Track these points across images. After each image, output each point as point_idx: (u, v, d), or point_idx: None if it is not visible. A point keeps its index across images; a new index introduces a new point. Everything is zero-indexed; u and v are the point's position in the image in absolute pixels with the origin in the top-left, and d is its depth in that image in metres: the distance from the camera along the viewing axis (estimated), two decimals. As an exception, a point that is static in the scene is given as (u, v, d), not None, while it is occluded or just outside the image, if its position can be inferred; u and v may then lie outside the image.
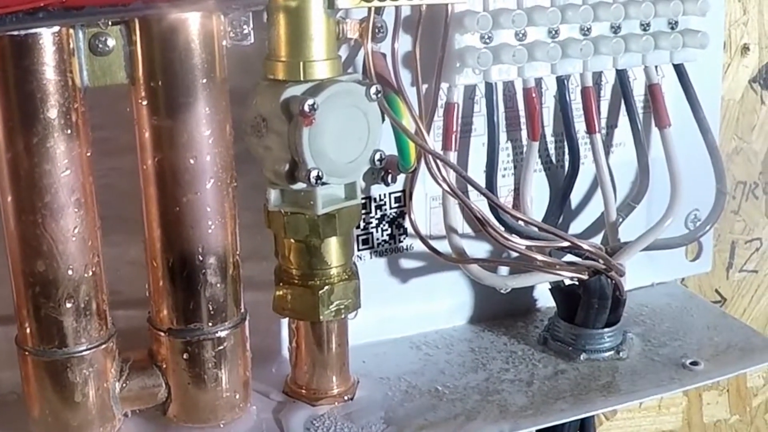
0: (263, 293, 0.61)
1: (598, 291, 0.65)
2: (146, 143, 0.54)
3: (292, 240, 0.58)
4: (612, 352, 0.68)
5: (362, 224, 0.66)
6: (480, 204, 0.62)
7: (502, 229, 0.63)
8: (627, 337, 0.69)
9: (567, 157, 0.70)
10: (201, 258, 0.55)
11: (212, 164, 0.54)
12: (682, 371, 0.66)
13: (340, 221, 0.57)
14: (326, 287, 0.58)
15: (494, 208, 0.65)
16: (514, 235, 0.63)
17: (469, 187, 0.65)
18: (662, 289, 0.78)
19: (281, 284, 0.60)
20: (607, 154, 0.71)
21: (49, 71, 0.49)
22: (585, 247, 0.63)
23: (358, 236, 0.66)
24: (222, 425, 0.59)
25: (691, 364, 0.67)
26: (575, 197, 0.72)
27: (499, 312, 0.73)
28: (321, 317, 0.59)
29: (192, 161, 0.53)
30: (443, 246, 0.65)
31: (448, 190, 0.59)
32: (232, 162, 0.55)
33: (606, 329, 0.67)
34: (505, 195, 0.69)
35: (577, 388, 0.64)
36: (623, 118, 0.72)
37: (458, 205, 0.65)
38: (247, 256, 0.59)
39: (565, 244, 0.63)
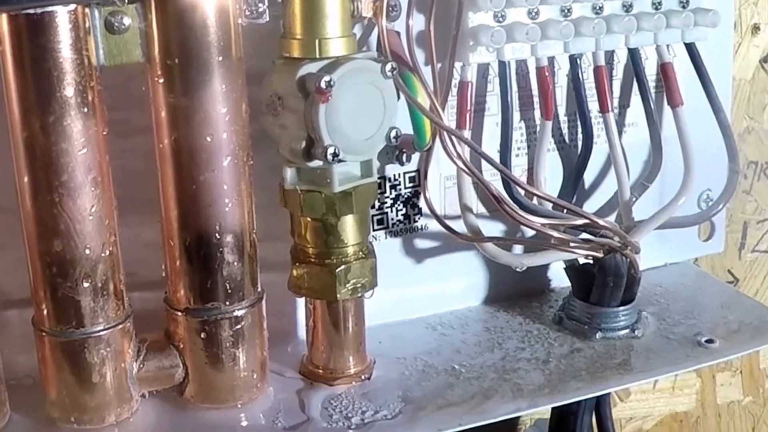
0: (278, 274, 0.61)
1: (613, 269, 0.65)
2: (162, 122, 0.54)
3: (309, 218, 0.58)
4: (627, 331, 0.67)
5: (377, 204, 0.66)
6: (494, 183, 0.62)
7: (517, 207, 0.63)
8: (642, 315, 0.69)
9: (580, 136, 0.69)
10: (218, 236, 0.55)
11: (229, 142, 0.54)
12: (697, 349, 0.66)
13: (356, 199, 0.57)
14: (343, 266, 0.58)
15: (509, 187, 0.65)
16: (528, 213, 0.63)
17: (483, 167, 0.65)
18: (675, 269, 0.78)
19: (298, 263, 0.60)
20: (620, 133, 0.71)
21: (65, 49, 0.49)
22: (601, 223, 0.63)
23: (373, 216, 0.66)
24: (239, 405, 0.59)
25: (706, 342, 0.67)
26: (588, 177, 0.72)
27: (514, 292, 0.73)
28: (338, 296, 0.59)
29: (209, 139, 0.53)
30: (458, 226, 0.65)
31: (463, 167, 0.60)
32: (248, 140, 0.55)
33: (621, 308, 0.67)
34: (518, 175, 0.69)
35: (593, 367, 0.64)
36: (635, 98, 0.71)
37: (473, 184, 0.65)
38: (262, 236, 0.59)
39: (580, 221, 0.63)
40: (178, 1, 0.51)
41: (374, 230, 0.67)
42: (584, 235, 0.65)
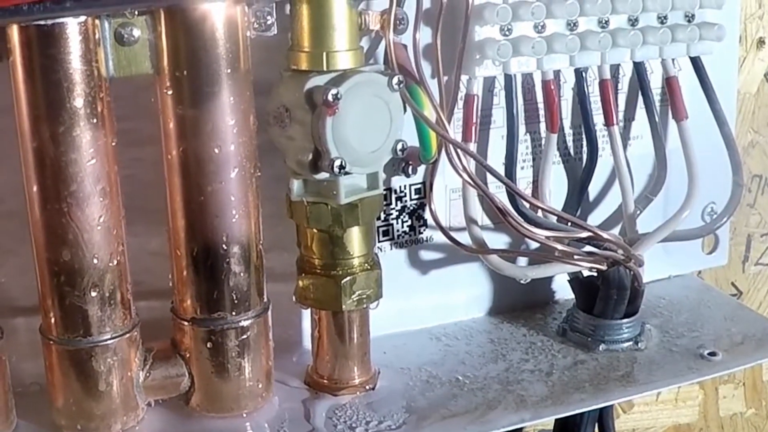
0: (284, 284, 0.61)
1: (617, 282, 0.66)
2: (171, 133, 0.54)
3: (315, 230, 0.58)
4: (630, 343, 0.68)
5: (383, 216, 0.66)
6: (499, 196, 0.62)
7: (522, 219, 0.63)
8: (645, 328, 0.69)
9: (585, 149, 0.70)
10: (225, 247, 0.55)
11: (236, 154, 0.54)
12: (699, 361, 0.66)
13: (362, 211, 0.58)
14: (348, 277, 0.59)
15: (513, 200, 0.65)
16: (533, 225, 0.63)
17: (488, 179, 0.66)
18: (679, 282, 0.78)
19: (304, 274, 0.60)
20: (624, 146, 0.71)
21: (75, 61, 0.50)
22: (605, 236, 0.63)
23: (378, 228, 0.66)
24: (245, 415, 0.59)
25: (709, 354, 0.67)
26: (593, 189, 0.73)
27: (518, 304, 0.73)
28: (343, 307, 0.59)
29: (216, 151, 0.54)
30: (463, 238, 0.65)
31: (469, 180, 0.60)
32: (256, 152, 0.56)
33: (624, 320, 0.67)
34: (523, 187, 0.70)
35: (596, 378, 0.64)
36: (641, 111, 0.72)
37: (478, 196, 0.66)
38: (269, 247, 0.59)
39: (584, 234, 0.63)
40: (187, 14, 0.52)
41: (380, 241, 0.67)
42: (588, 248, 0.65)
